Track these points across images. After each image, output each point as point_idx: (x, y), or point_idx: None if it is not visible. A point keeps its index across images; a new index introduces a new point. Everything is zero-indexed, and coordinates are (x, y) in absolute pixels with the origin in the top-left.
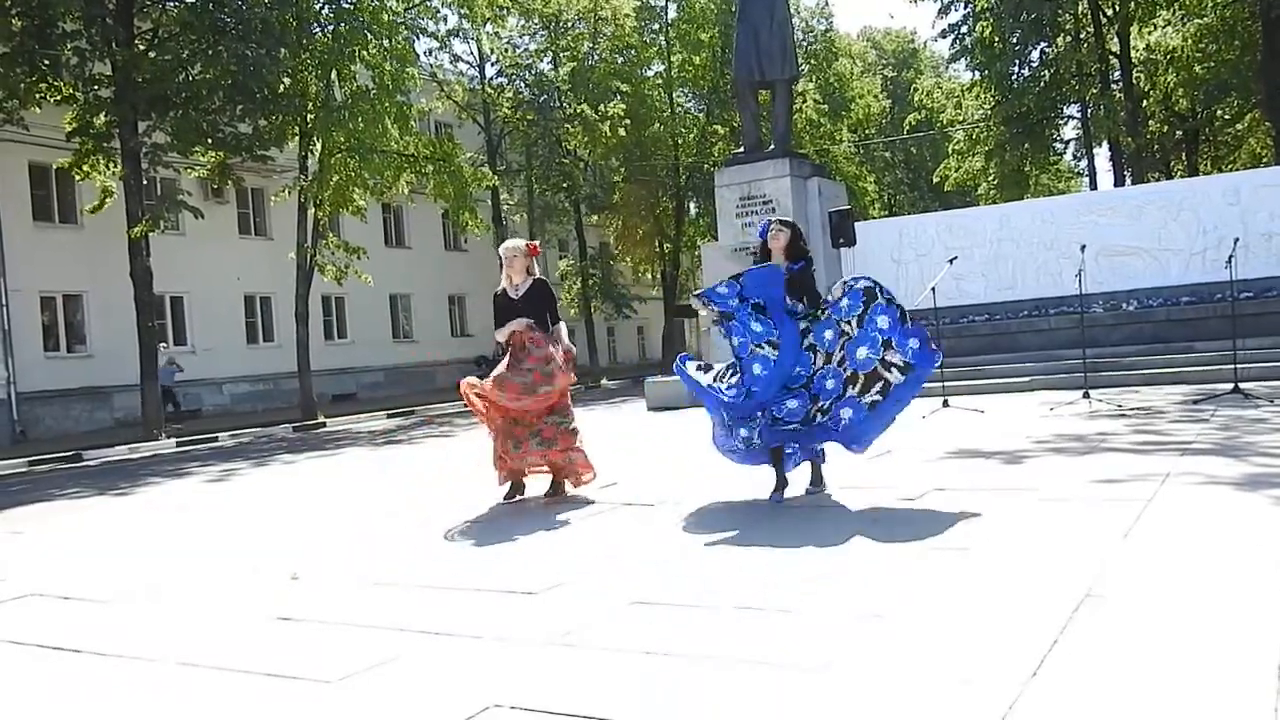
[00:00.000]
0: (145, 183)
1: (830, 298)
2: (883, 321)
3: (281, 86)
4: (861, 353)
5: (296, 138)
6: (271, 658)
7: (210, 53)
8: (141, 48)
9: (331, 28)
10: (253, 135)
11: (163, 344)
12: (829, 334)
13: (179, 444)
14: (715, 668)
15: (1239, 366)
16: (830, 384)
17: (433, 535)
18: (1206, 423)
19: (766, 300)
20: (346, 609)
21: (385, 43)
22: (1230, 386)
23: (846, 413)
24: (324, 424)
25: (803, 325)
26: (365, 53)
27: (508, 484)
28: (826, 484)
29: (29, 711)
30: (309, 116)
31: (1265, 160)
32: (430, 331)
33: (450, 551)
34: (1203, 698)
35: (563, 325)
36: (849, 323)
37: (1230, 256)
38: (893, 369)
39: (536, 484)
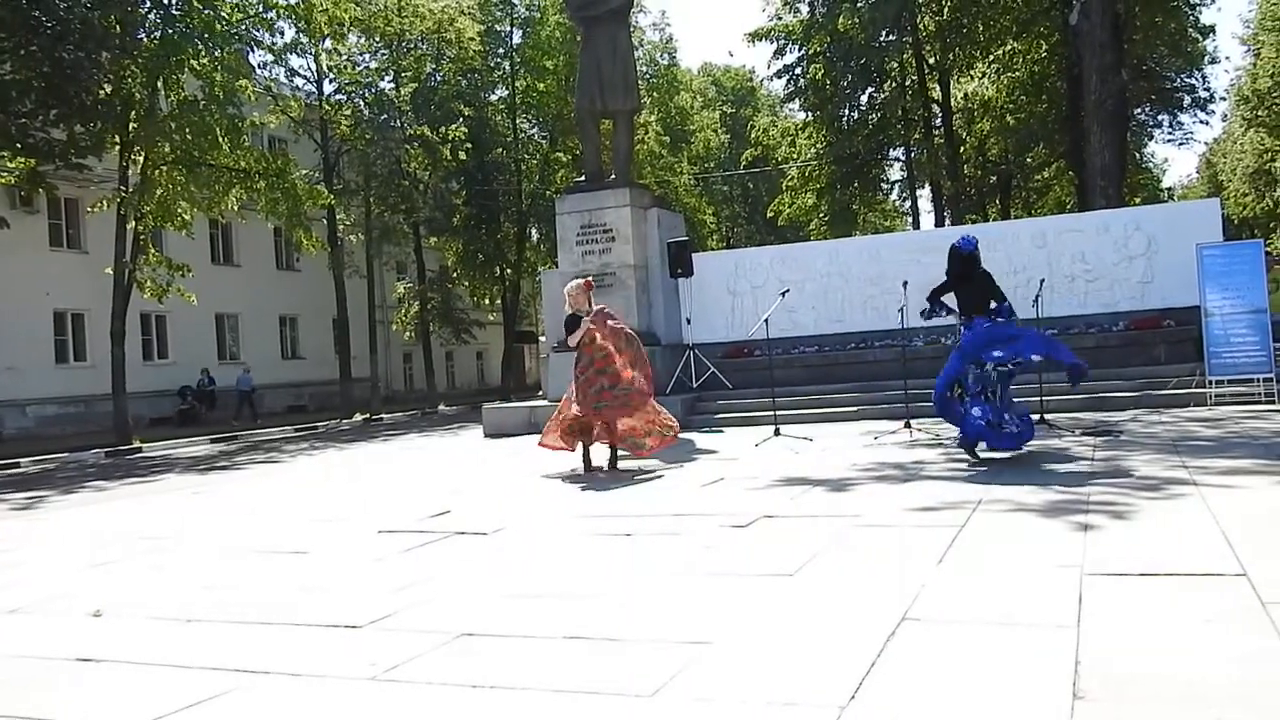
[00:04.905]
0: None
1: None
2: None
3: (102, 92)
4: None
5: (117, 147)
6: (67, 704)
7: (22, 52)
8: None
9: (159, 34)
10: (68, 142)
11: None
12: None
13: None
14: (543, 699)
15: (1044, 399)
16: None
17: (250, 566)
18: (1016, 452)
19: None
20: (154, 647)
21: (217, 52)
22: (1037, 418)
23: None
24: (140, 449)
25: None
26: (195, 62)
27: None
28: None
29: None
30: (131, 125)
31: (1069, 207)
32: (259, 353)
33: (269, 583)
34: (1005, 713)
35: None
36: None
37: (1037, 296)
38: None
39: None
